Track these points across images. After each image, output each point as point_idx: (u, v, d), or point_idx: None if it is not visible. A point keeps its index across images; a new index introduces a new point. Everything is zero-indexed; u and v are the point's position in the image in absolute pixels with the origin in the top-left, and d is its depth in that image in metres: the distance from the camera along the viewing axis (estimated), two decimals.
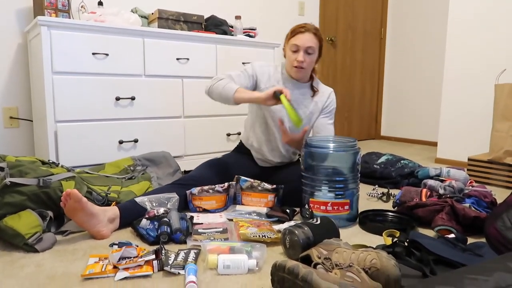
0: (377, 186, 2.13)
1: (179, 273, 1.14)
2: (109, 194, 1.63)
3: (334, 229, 1.31)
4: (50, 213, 1.41)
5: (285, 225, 1.50)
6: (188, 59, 2.39)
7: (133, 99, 2.20)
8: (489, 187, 2.16)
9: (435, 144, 3.68)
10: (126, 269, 1.14)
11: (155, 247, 1.23)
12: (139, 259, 1.16)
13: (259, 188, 1.77)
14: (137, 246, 1.27)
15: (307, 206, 1.59)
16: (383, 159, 2.39)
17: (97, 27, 2.07)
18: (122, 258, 1.18)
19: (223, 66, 2.53)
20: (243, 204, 1.80)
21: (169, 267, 1.15)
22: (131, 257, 1.19)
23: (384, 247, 1.20)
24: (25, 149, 2.40)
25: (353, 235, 1.50)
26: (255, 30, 2.85)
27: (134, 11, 2.45)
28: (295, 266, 0.97)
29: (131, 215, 1.49)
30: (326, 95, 1.88)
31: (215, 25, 2.61)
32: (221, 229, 1.45)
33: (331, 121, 1.89)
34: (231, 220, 1.62)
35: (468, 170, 2.48)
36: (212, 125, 2.53)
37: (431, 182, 1.86)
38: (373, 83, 4.39)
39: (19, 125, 2.38)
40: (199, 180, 1.75)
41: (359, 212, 1.66)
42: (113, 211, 1.47)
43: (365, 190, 2.12)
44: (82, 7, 2.43)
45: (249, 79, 1.79)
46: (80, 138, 2.05)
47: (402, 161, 2.34)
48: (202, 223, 1.54)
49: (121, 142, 2.17)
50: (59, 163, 1.73)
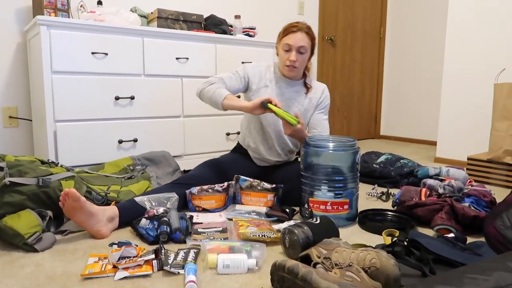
0: (376, 185, 2.13)
1: (178, 273, 1.14)
2: (109, 193, 1.63)
3: (333, 228, 1.31)
4: (49, 213, 1.41)
5: (285, 225, 1.50)
6: (187, 58, 2.39)
7: (132, 98, 2.20)
8: (489, 187, 2.16)
9: (434, 143, 3.68)
10: (125, 268, 1.14)
11: (154, 247, 1.23)
12: (139, 259, 1.16)
13: (259, 187, 1.77)
14: (137, 245, 1.27)
15: (306, 205, 1.59)
16: (382, 159, 2.39)
17: (96, 27, 2.07)
18: (121, 257, 1.18)
19: (223, 65, 2.53)
20: (242, 203, 1.80)
21: (169, 266, 1.15)
22: (130, 257, 1.19)
23: (383, 247, 1.20)
24: (25, 149, 2.39)
25: (352, 234, 1.50)
26: (254, 29, 2.85)
27: (133, 11, 2.45)
28: (294, 265, 0.96)
29: (130, 215, 1.49)
30: (319, 91, 1.89)
31: (215, 25, 2.61)
32: (221, 229, 1.45)
33: (325, 116, 1.91)
34: (231, 219, 1.62)
35: (467, 169, 2.48)
36: (211, 125, 2.53)
37: (430, 181, 1.86)
38: (372, 82, 4.39)
39: (18, 125, 2.37)
40: (199, 179, 1.75)
41: (358, 211, 1.66)
42: (112, 210, 1.47)
43: (364, 189, 2.12)
44: (81, 6, 2.43)
45: (241, 81, 1.82)
46: (79, 137, 2.05)
47: (401, 161, 2.34)
48: (201, 223, 1.54)
49: (120, 141, 2.17)
50: (58, 163, 1.73)
